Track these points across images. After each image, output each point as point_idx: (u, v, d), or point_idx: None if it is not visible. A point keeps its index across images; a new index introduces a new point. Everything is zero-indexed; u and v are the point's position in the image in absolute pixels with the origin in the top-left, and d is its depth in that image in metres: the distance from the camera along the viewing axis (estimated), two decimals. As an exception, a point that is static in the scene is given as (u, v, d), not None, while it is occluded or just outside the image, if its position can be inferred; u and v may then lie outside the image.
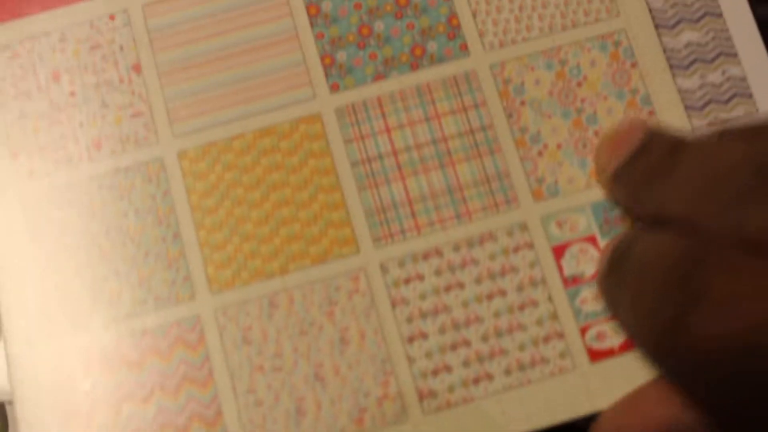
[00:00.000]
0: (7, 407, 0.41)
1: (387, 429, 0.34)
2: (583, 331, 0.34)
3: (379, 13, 0.38)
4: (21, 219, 0.36)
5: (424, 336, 0.34)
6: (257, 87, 0.37)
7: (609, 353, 0.34)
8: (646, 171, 0.31)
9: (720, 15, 0.38)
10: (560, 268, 0.35)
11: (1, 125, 0.37)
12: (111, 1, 0.38)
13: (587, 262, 0.35)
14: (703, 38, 0.38)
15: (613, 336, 0.34)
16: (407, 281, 0.35)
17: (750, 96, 0.37)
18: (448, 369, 0.34)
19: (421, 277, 0.35)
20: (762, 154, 0.27)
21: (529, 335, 0.34)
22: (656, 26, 0.38)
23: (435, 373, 0.34)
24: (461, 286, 0.35)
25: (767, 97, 0.37)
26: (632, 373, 0.34)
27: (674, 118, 0.37)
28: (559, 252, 0.35)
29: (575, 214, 0.36)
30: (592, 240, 0.35)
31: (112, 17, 0.38)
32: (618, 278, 0.32)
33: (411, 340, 0.34)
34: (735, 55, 0.38)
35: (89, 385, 0.34)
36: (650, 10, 0.38)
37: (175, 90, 0.37)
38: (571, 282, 0.35)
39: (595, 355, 0.34)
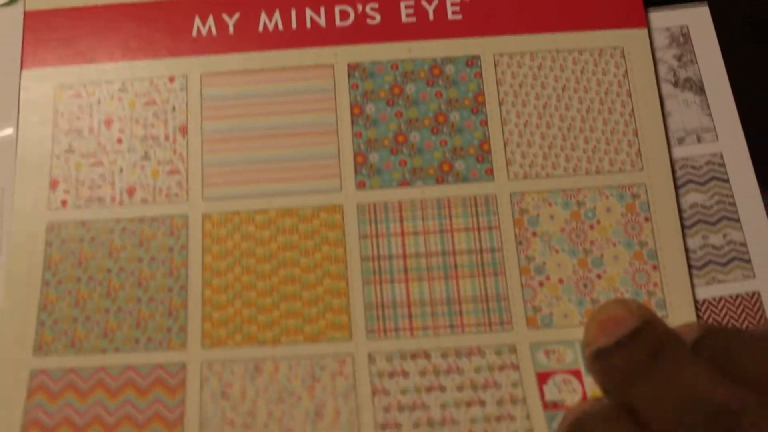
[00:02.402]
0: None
1: None
2: (555, 454, 0.35)
3: (417, 125, 0.40)
4: (42, 242, 0.38)
5: (397, 426, 0.35)
6: (290, 169, 0.39)
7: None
8: (624, 368, 0.32)
9: (726, 180, 0.40)
10: (542, 392, 0.36)
11: (48, 154, 0.39)
12: (174, 64, 0.41)
13: (569, 392, 0.36)
14: (708, 201, 0.40)
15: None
16: (391, 375, 0.36)
17: (748, 261, 0.39)
18: None
19: (405, 374, 0.36)
20: (720, 398, 0.29)
21: None
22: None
23: None
24: (443, 389, 0.36)
25: (764, 263, 0.39)
26: None
27: (677, 277, 0.38)
28: (542, 378, 0.36)
29: (564, 347, 0.37)
30: (576, 373, 0.36)
31: (171, 79, 0.41)
32: None
33: (384, 427, 0.35)
34: (737, 220, 0.39)
35: (61, 403, 0.35)
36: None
37: (213, 157, 0.39)
38: (551, 406, 0.36)
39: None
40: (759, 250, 0.39)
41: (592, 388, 0.36)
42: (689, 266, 0.38)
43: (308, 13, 0.41)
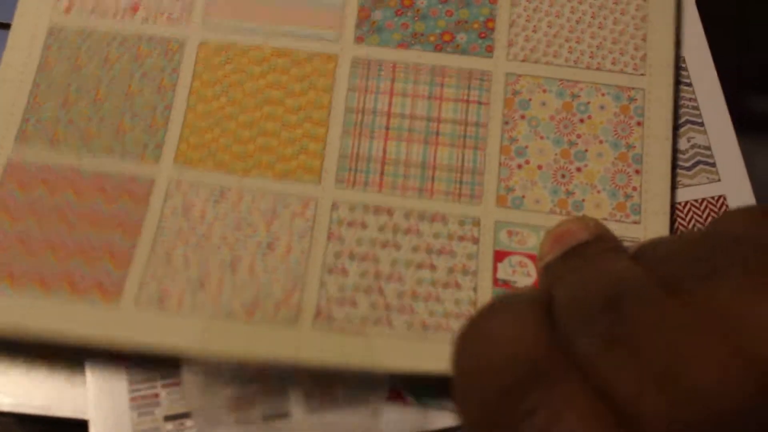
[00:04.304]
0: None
1: (272, 326, 0.35)
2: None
3: (426, -9, 0.40)
4: (41, 44, 0.39)
5: (344, 273, 0.36)
6: (292, 11, 0.39)
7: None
8: (560, 275, 0.30)
9: (690, 84, 0.40)
10: (495, 269, 0.36)
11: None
12: None
13: (522, 275, 0.36)
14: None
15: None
16: (351, 224, 0.36)
17: (713, 165, 0.38)
18: (353, 304, 0.35)
19: (364, 226, 0.36)
20: (614, 285, 0.26)
21: (443, 308, 0.35)
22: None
23: (341, 303, 0.35)
24: (397, 247, 0.36)
25: (729, 166, 0.39)
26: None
27: (658, 185, 0.37)
28: (499, 256, 0.36)
29: (528, 231, 0.37)
30: (534, 258, 0.36)
31: None
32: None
33: (331, 271, 0.36)
34: (701, 124, 0.39)
35: (31, 195, 0.36)
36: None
37: (221, -12, 0.40)
38: (502, 284, 0.36)
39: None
40: (723, 153, 0.39)
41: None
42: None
43: None
